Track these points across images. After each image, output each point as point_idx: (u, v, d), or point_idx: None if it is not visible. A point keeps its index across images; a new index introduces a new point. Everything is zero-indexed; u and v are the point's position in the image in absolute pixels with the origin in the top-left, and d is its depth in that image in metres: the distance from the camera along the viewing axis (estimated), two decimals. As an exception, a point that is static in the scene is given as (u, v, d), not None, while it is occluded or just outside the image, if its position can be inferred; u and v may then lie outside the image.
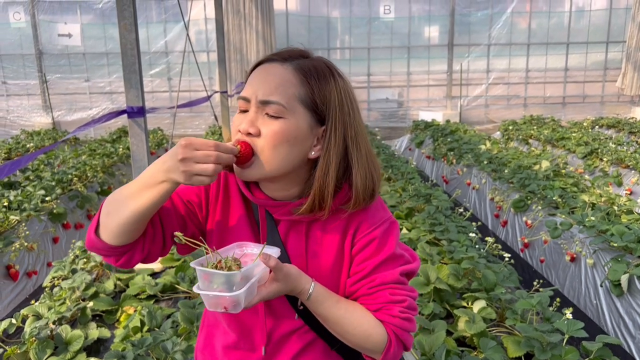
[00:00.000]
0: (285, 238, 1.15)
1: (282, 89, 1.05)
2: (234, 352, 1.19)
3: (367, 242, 1.13)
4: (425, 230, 3.85)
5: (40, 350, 2.43)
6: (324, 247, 1.14)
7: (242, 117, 1.08)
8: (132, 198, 1.01)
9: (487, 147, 7.36)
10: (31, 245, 4.22)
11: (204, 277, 0.97)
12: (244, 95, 1.08)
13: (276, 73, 1.07)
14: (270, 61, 1.10)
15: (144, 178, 1.01)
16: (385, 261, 1.13)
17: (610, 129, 9.71)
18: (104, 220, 1.05)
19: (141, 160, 3.41)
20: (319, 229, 1.14)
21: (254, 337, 1.17)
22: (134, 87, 3.25)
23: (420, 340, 2.27)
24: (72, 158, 6.96)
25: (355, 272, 1.14)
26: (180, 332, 2.54)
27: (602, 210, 4.20)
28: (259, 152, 1.05)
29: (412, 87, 12.89)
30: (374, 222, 1.14)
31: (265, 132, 1.05)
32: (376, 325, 1.10)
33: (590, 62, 12.91)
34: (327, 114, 1.09)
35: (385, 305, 1.11)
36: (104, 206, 1.06)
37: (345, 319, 1.09)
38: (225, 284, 0.95)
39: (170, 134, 4.59)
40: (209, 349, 1.25)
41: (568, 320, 2.33)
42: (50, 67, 11.88)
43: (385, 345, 1.10)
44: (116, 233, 1.04)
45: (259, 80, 1.08)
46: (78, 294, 2.99)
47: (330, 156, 1.08)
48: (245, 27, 11.40)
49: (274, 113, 1.05)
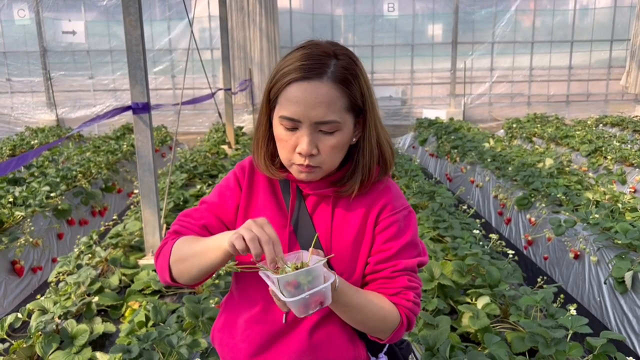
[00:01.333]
0: (313, 211, 1.23)
1: (332, 107, 1.11)
2: (256, 325, 1.25)
3: (390, 223, 1.21)
4: (429, 227, 3.85)
5: (46, 344, 2.44)
6: (348, 222, 1.22)
7: (295, 137, 1.14)
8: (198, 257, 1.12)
9: (491, 145, 7.35)
10: (36, 241, 4.24)
11: (292, 283, 0.98)
12: (294, 116, 1.11)
13: (320, 93, 1.10)
14: (308, 79, 1.10)
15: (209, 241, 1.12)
16: (406, 246, 1.21)
17: (614, 127, 9.68)
18: (177, 273, 1.17)
19: (146, 157, 3.41)
20: (344, 205, 1.23)
21: (277, 309, 1.20)
22: (139, 84, 3.26)
23: (424, 335, 2.27)
24: (76, 155, 6.98)
25: (379, 250, 1.21)
26: (185, 326, 2.55)
27: (606, 208, 4.20)
28: (320, 164, 1.15)
29: (415, 85, 12.89)
30: (397, 207, 1.23)
31: (324, 148, 1.14)
32: (392, 310, 1.18)
33: (595, 60, 12.88)
34: (362, 106, 1.17)
35: (402, 290, 1.19)
36: (174, 258, 1.17)
37: (366, 306, 1.15)
38: (315, 279, 0.99)
39: (174, 131, 4.60)
40: (228, 325, 1.30)
41: (572, 316, 2.33)
42: (54, 65, 11.91)
43: (396, 327, 1.19)
44: (194, 282, 1.18)
45: (306, 102, 1.10)
46: (83, 289, 3.00)
47: (371, 137, 1.20)
48: (249, 24, 11.40)
49: (330, 129, 1.13)
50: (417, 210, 4.38)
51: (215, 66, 11.73)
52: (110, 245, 3.68)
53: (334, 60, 1.13)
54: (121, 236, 3.77)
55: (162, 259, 1.20)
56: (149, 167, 3.42)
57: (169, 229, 1.28)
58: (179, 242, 1.17)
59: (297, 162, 1.15)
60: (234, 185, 1.28)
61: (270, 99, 1.17)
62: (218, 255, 1.06)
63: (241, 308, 1.29)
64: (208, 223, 1.25)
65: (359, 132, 1.20)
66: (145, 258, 3.54)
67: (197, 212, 1.27)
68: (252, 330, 1.25)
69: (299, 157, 1.14)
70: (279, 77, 1.13)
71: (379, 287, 1.20)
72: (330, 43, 1.16)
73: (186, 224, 1.25)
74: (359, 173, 1.20)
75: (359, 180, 1.20)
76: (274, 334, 1.23)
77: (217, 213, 1.27)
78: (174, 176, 5.52)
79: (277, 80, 1.14)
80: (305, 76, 1.10)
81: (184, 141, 10.29)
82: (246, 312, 1.27)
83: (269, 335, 1.23)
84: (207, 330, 2.48)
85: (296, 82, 1.11)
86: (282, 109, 1.13)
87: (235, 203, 1.27)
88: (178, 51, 11.94)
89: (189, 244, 1.15)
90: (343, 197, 1.22)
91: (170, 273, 1.18)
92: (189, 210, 1.29)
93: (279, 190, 1.27)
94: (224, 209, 1.27)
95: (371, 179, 1.21)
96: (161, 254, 1.21)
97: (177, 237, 1.21)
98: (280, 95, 1.13)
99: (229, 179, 1.30)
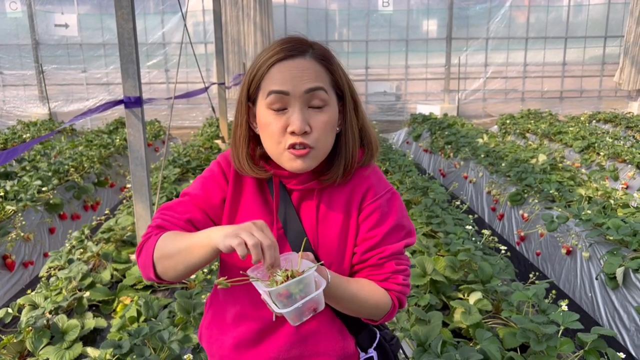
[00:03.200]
0: (298, 206, 1.21)
1: (319, 78, 1.11)
2: (245, 321, 1.23)
3: (373, 209, 1.20)
4: (422, 222, 3.86)
5: (36, 340, 2.43)
6: (333, 213, 1.21)
7: (284, 118, 1.10)
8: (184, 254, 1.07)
9: (485, 140, 7.36)
10: (27, 236, 4.21)
11: (284, 294, 0.96)
12: (284, 89, 1.09)
13: (306, 66, 1.10)
14: (292, 57, 1.10)
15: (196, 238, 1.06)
16: (391, 231, 1.21)
17: (607, 123, 9.72)
18: (162, 270, 1.12)
19: (138, 151, 3.39)
20: (328, 196, 1.21)
21: (264, 305, 1.18)
22: (131, 77, 3.23)
23: (416, 330, 2.27)
24: (68, 149, 6.94)
25: (365, 238, 1.20)
26: (176, 322, 2.54)
27: (599, 204, 4.21)
28: (314, 144, 1.11)
29: (410, 80, 12.88)
30: (378, 192, 1.22)
31: (316, 125, 1.11)
32: (383, 295, 1.19)
33: (588, 56, 12.91)
34: (343, 90, 1.17)
35: (391, 275, 1.20)
36: (158, 254, 1.11)
37: (358, 295, 1.15)
38: (306, 287, 0.97)
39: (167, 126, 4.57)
40: (216, 322, 1.29)
41: (564, 312, 2.34)
42: (46, 58, 11.82)
43: (389, 311, 1.21)
44: (180, 278, 1.13)
45: (292, 75, 1.09)
46: (74, 284, 2.99)
47: (352, 125, 1.19)
48: (243, 18, 11.35)
49: (320, 103, 1.11)
50: (410, 206, 4.38)
51: (209, 60, 11.68)
52: (102, 240, 3.67)
53: (310, 47, 1.15)
54: (113, 231, 3.75)
55: (145, 255, 1.14)
56: (141, 162, 3.40)
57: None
58: (163, 238, 1.12)
59: (289, 143, 1.11)
60: (219, 177, 1.24)
61: (250, 94, 1.15)
62: (206, 252, 1.03)
63: (228, 305, 1.27)
64: (193, 217, 1.20)
65: (341, 120, 1.19)
66: (138, 253, 3.52)
67: (181, 206, 1.22)
68: (241, 326, 1.24)
69: (291, 137, 1.10)
70: (259, 66, 1.12)
71: (368, 274, 1.20)
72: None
73: (170, 217, 1.19)
74: (342, 158, 1.18)
75: (342, 165, 1.18)
76: (263, 329, 1.22)
77: (202, 206, 1.22)
78: (167, 171, 5.50)
79: (257, 71, 1.13)
80: (288, 55, 1.10)
81: (177, 135, 10.26)
82: (233, 309, 1.25)
83: (258, 331, 1.22)
84: (199, 326, 2.47)
85: (279, 62, 1.10)
86: (267, 87, 1.10)
87: (221, 196, 1.23)
88: (172, 45, 11.88)
89: (174, 240, 1.10)
90: (327, 188, 1.21)
91: (155, 270, 1.12)
92: (171, 203, 1.23)
93: (266, 185, 1.24)
94: (209, 202, 1.22)
95: (354, 164, 1.19)
96: (144, 249, 1.15)
97: (160, 232, 1.15)
98: (262, 80, 1.12)
99: (214, 171, 1.25)
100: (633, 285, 3.24)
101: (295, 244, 1.17)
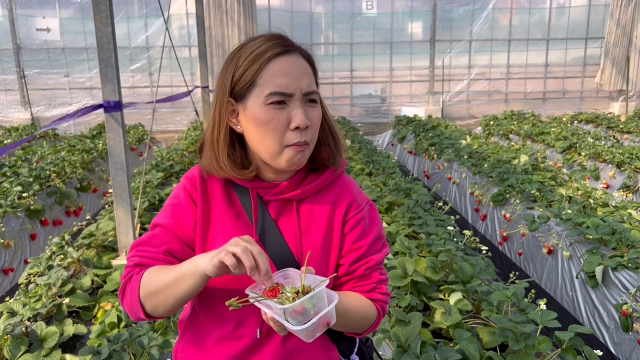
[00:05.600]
0: (277, 218, 1.19)
1: (312, 78, 1.15)
2: (229, 342, 1.19)
3: (357, 221, 1.21)
4: (404, 224, 3.87)
5: (14, 347, 2.40)
6: (314, 224, 1.20)
7: (285, 113, 1.10)
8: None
9: (468, 142, 7.42)
10: (8, 242, 4.16)
11: (298, 310, 0.94)
12: (286, 90, 1.09)
13: (302, 64, 1.13)
14: (287, 53, 1.12)
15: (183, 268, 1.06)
16: (374, 241, 1.23)
17: (589, 123, 9.84)
18: (152, 308, 1.10)
19: (118, 156, 3.37)
20: (307, 207, 1.20)
21: (249, 323, 1.18)
22: (110, 82, 3.22)
23: (396, 332, 2.28)
24: (50, 154, 6.87)
25: (350, 250, 1.21)
26: (156, 327, 2.53)
27: (579, 204, 4.26)
28: (310, 140, 1.14)
29: (394, 82, 12.94)
30: (361, 203, 1.23)
31: (312, 120, 1.13)
32: (370, 307, 1.20)
33: (570, 58, 13.07)
34: (317, 84, 1.19)
35: (377, 285, 1.22)
36: (144, 292, 1.10)
37: (349, 309, 1.14)
38: (319, 301, 0.97)
39: (150, 130, 4.55)
40: (194, 346, 1.24)
41: (542, 311, 2.36)
42: (28, 62, 11.70)
43: (374, 322, 1.22)
44: (171, 312, 1.11)
45: (293, 73, 1.10)
46: (54, 290, 2.96)
47: (328, 114, 1.22)
48: (227, 22, 11.34)
49: (316, 97, 1.14)
50: (392, 208, 4.40)
51: (193, 64, 11.64)
52: (83, 245, 3.63)
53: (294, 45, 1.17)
54: (94, 236, 3.72)
55: (130, 296, 1.12)
56: (122, 166, 3.38)
57: (132, 258, 1.18)
58: (146, 275, 1.10)
59: (292, 141, 1.10)
60: (186, 201, 1.19)
61: (235, 93, 1.12)
62: (195, 281, 1.01)
63: (209, 325, 1.22)
64: (170, 248, 1.17)
65: None
66: (119, 258, 3.50)
67: (155, 239, 1.18)
68: (224, 347, 1.20)
69: (293, 134, 1.09)
70: (251, 60, 1.09)
71: (354, 285, 1.21)
72: None
73: (147, 253, 1.16)
74: (329, 150, 1.21)
75: (314, 160, 1.21)
76: (248, 348, 1.19)
77: (177, 234, 1.18)
78: (150, 175, 5.46)
79: (248, 66, 1.10)
80: (285, 50, 1.11)
81: (161, 139, 10.20)
82: (215, 330, 1.21)
83: (243, 350, 1.19)
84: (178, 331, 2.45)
85: (277, 56, 1.10)
86: (268, 87, 1.08)
87: (192, 220, 1.18)
88: (155, 48, 11.82)
89: (158, 275, 1.08)
90: (307, 198, 1.20)
91: (144, 309, 1.10)
92: (144, 238, 1.19)
93: (236, 199, 1.20)
94: (182, 229, 1.18)
95: (341, 156, 1.23)
96: (127, 291, 1.13)
97: (140, 270, 1.13)
98: (259, 76, 1.09)
99: (179, 196, 1.21)
100: (612, 283, 3.28)
101: (276, 257, 1.15)
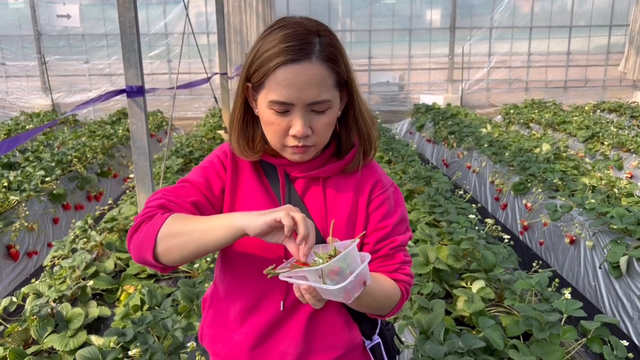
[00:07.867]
0: (303, 194, 1.21)
1: (323, 86, 1.08)
2: (253, 315, 1.22)
3: (382, 200, 1.22)
4: (424, 212, 3.85)
5: (40, 328, 2.43)
6: (340, 202, 1.21)
7: (286, 120, 1.10)
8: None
9: (488, 130, 7.33)
10: (31, 226, 4.22)
11: (335, 270, 0.96)
12: (286, 100, 1.07)
13: (311, 73, 1.07)
14: (297, 61, 1.06)
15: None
16: (399, 222, 1.23)
17: (611, 113, 9.67)
18: (165, 249, 1.07)
19: (141, 141, 3.39)
20: (333, 186, 1.22)
21: (273, 296, 1.20)
22: (133, 66, 3.22)
23: (419, 318, 2.27)
24: (71, 139, 6.94)
25: (375, 229, 1.21)
26: (180, 310, 2.55)
27: (602, 193, 4.20)
28: (315, 143, 1.14)
29: (413, 70, 12.82)
30: (386, 184, 1.24)
31: (317, 127, 1.12)
32: (394, 287, 1.20)
33: (593, 45, 12.82)
34: (346, 80, 1.15)
35: (400, 265, 1.22)
36: (165, 231, 1.07)
37: (373, 288, 1.12)
38: (352, 261, 0.98)
39: (170, 116, 4.57)
40: (219, 320, 1.26)
41: (567, 300, 2.33)
42: (49, 49, 11.80)
43: (398, 303, 1.21)
44: (180, 262, 1.09)
45: (297, 84, 1.06)
46: (78, 273, 3.00)
47: (360, 104, 1.19)
48: (245, 8, 11.30)
49: (322, 108, 1.10)
50: (413, 196, 4.38)
51: (211, 51, 11.65)
52: (106, 229, 3.67)
53: (317, 38, 1.08)
54: (116, 220, 3.76)
55: (146, 232, 1.08)
56: (144, 151, 3.40)
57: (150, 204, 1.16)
58: (174, 216, 1.08)
59: (290, 144, 1.12)
60: (218, 166, 1.22)
61: (252, 81, 1.12)
62: (226, 234, 1.01)
63: (232, 301, 1.24)
64: (198, 201, 1.17)
65: (343, 104, 1.19)
66: (141, 242, 3.53)
67: (184, 189, 1.19)
68: (249, 321, 1.22)
69: (292, 139, 1.12)
70: (263, 60, 1.08)
71: (379, 265, 1.21)
72: (308, 19, 1.12)
73: (174, 199, 1.15)
74: (357, 144, 1.21)
75: (360, 153, 1.21)
76: (272, 322, 1.20)
77: (204, 192, 1.19)
78: (170, 161, 5.50)
79: (260, 64, 1.08)
80: (294, 58, 1.05)
81: (180, 126, 10.25)
82: (238, 304, 1.23)
83: (267, 325, 1.20)
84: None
85: (284, 65, 1.05)
86: (271, 93, 1.08)
87: (221, 185, 1.21)
88: (174, 35, 11.84)
89: (187, 220, 1.07)
90: (333, 176, 1.22)
91: (155, 249, 1.06)
92: (171, 187, 1.19)
93: (264, 175, 1.22)
94: (210, 190, 1.20)
95: (373, 146, 1.22)
96: (143, 227, 1.09)
97: (165, 212, 1.11)
98: (267, 79, 1.08)
99: (212, 161, 1.23)
100: (636, 273, 3.24)
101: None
